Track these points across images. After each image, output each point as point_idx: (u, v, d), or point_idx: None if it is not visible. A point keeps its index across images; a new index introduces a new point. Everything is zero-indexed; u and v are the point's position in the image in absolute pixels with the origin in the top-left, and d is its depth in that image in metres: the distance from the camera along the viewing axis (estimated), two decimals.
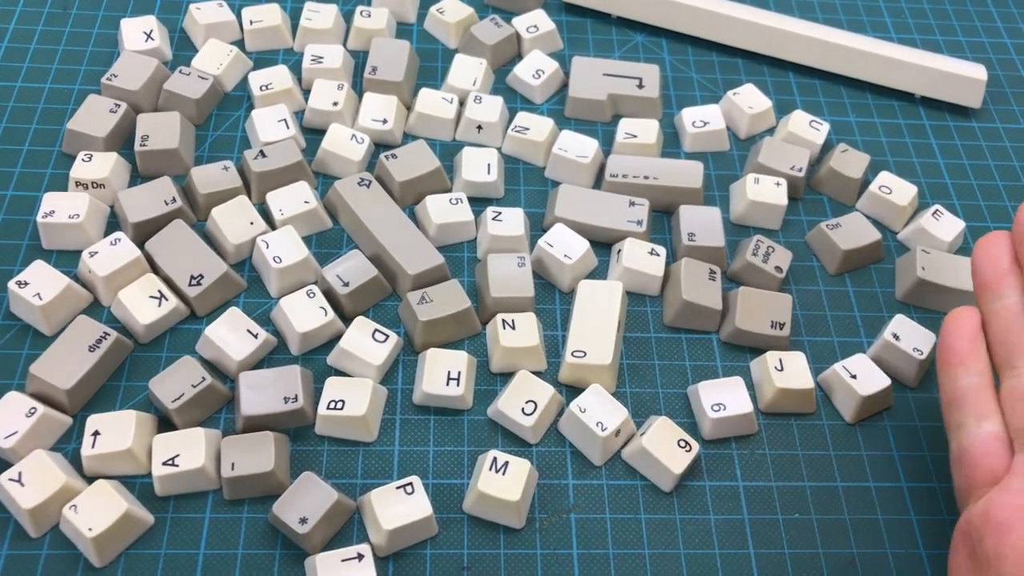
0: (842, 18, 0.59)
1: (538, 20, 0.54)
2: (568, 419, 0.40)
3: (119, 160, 0.46)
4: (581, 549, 0.37)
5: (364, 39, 0.53)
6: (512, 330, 0.41)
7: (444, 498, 0.38)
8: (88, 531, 0.35)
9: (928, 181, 0.51)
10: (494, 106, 0.49)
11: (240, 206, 0.44)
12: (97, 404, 0.40)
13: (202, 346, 0.41)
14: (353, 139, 0.47)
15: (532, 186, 0.48)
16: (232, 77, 0.51)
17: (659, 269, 0.44)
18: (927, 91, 0.54)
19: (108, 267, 0.41)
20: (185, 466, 0.37)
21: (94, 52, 0.52)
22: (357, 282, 0.42)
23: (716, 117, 0.51)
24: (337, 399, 0.39)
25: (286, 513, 0.35)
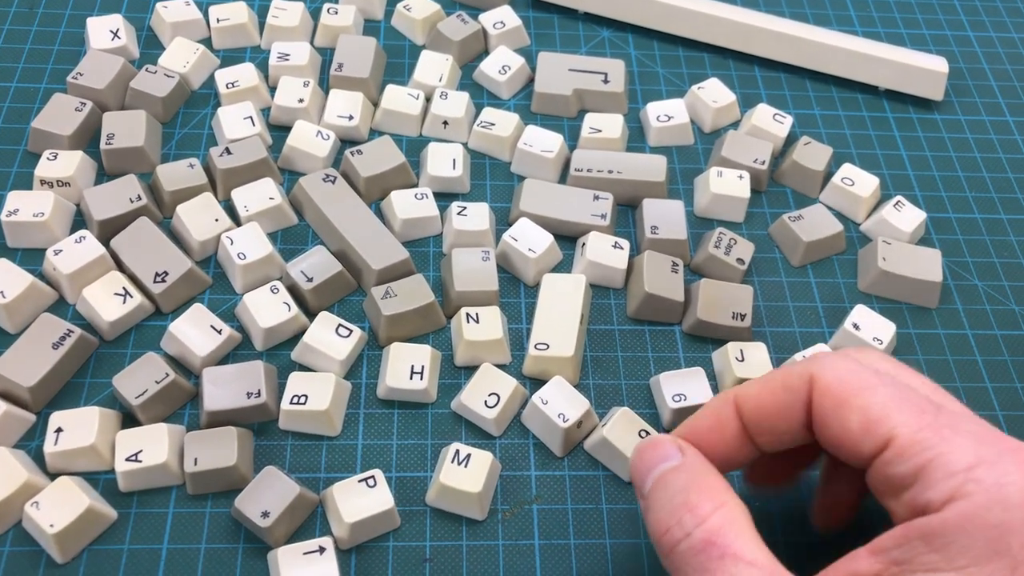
0: (807, 12, 0.59)
1: (504, 16, 0.55)
2: (530, 411, 0.40)
3: (84, 158, 0.46)
4: (543, 540, 0.38)
5: (331, 36, 0.53)
6: (476, 324, 0.42)
7: (407, 491, 0.38)
8: (50, 527, 0.35)
9: (891, 173, 0.51)
10: (460, 102, 0.50)
11: (205, 203, 0.44)
12: (61, 401, 0.40)
13: (166, 342, 0.41)
14: (319, 135, 0.48)
15: (498, 181, 0.49)
16: (199, 75, 0.51)
17: (622, 262, 0.45)
18: (891, 84, 0.54)
19: (73, 265, 0.42)
20: (148, 462, 0.37)
21: (60, 51, 0.52)
22: (321, 277, 0.42)
23: (680, 111, 0.51)
24: (300, 394, 0.39)
25: (248, 507, 0.36)
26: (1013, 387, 0.43)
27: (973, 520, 0.25)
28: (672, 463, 0.31)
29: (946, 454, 0.26)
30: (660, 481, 0.30)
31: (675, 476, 0.30)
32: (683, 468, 0.31)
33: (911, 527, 0.26)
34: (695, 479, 0.30)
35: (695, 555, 0.28)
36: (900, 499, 0.27)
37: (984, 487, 0.25)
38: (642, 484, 0.31)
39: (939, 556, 0.25)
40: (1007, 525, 0.25)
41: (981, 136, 0.53)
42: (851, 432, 0.28)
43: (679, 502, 0.29)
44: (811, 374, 0.30)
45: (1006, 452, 0.26)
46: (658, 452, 0.31)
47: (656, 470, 0.31)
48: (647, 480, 0.31)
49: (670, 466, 0.31)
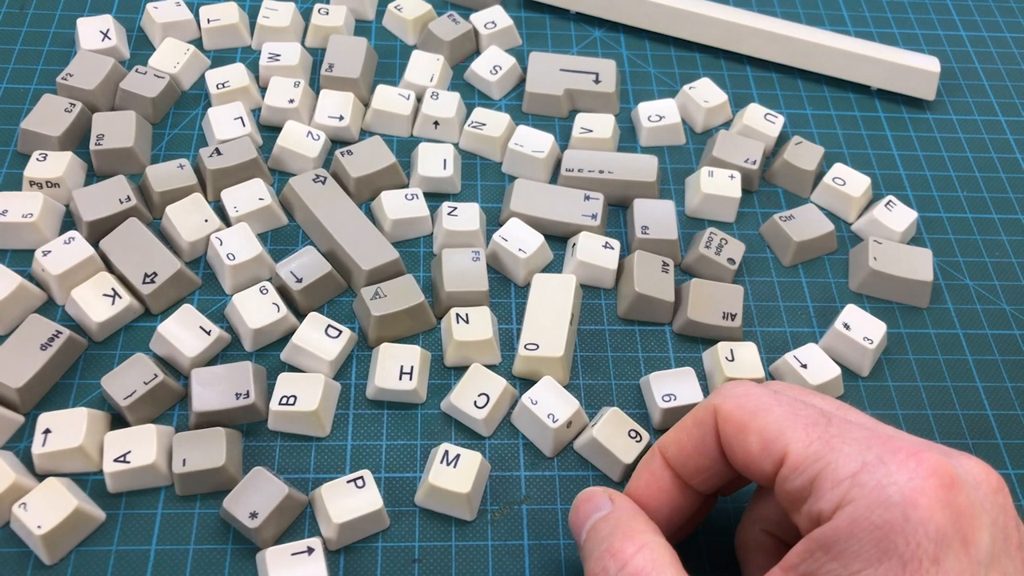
0: (800, 12, 0.59)
1: (496, 16, 0.55)
2: (520, 411, 0.40)
3: (74, 159, 0.46)
4: (532, 540, 0.37)
5: (322, 37, 0.53)
6: (466, 324, 0.42)
7: (397, 491, 0.38)
8: (37, 529, 0.35)
9: (883, 172, 0.51)
10: (451, 102, 0.50)
11: (195, 203, 0.44)
12: (50, 402, 0.40)
13: (155, 343, 0.41)
14: (309, 136, 0.48)
15: (489, 181, 0.49)
16: (189, 75, 0.51)
17: (613, 262, 0.44)
18: (883, 83, 0.54)
19: (62, 266, 0.42)
20: (136, 462, 0.37)
21: (50, 52, 0.52)
22: (311, 278, 0.42)
23: (672, 111, 0.51)
24: (289, 394, 0.39)
25: (237, 508, 0.36)
26: (1003, 387, 0.43)
27: (860, 523, 0.26)
28: (602, 512, 0.33)
29: (833, 463, 0.27)
30: (592, 531, 0.32)
31: (604, 524, 0.32)
32: (610, 516, 0.32)
33: (811, 539, 0.28)
34: (620, 524, 0.32)
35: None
36: (800, 512, 0.29)
37: (867, 491, 0.26)
38: (578, 537, 0.33)
39: (838, 563, 0.27)
40: (890, 525, 0.26)
41: (973, 136, 0.53)
42: (752, 454, 0.30)
43: (604, 548, 0.31)
44: (714, 406, 0.31)
45: (889, 453, 0.27)
46: (591, 503, 0.33)
47: (589, 521, 0.33)
48: (582, 532, 0.33)
49: (600, 516, 0.33)
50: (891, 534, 0.26)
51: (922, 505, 0.26)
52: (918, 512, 0.26)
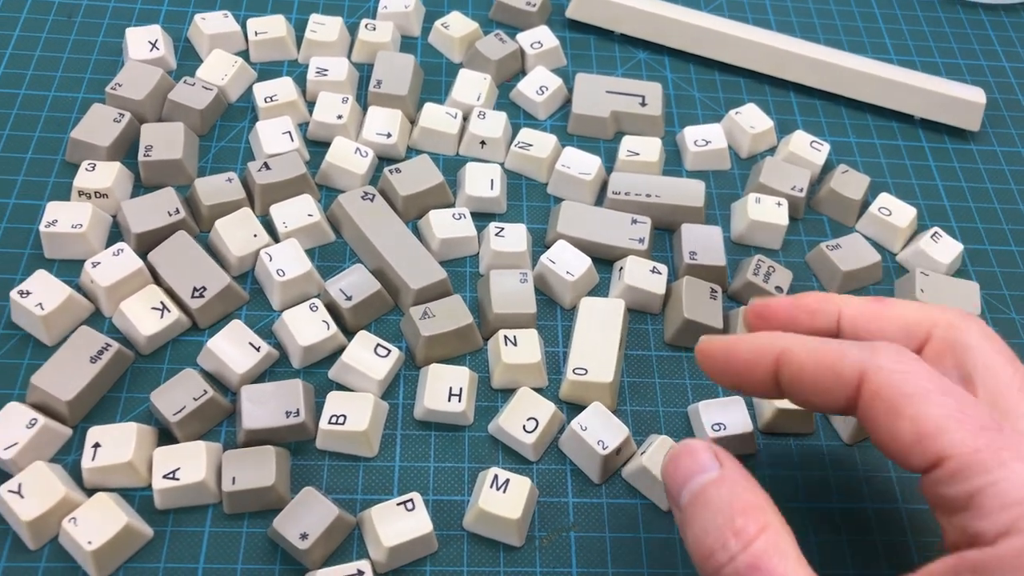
0: (843, 39, 0.59)
1: (542, 36, 0.55)
2: (569, 437, 0.40)
3: (122, 170, 0.46)
4: (581, 568, 0.37)
5: (369, 52, 0.53)
6: (514, 346, 0.42)
7: (444, 515, 0.38)
8: (88, 544, 0.34)
9: (927, 203, 0.51)
10: (498, 121, 0.50)
11: (243, 218, 0.44)
12: (98, 416, 0.39)
13: (204, 358, 0.41)
14: (357, 152, 0.48)
15: (534, 202, 0.49)
16: (236, 88, 0.51)
17: (660, 287, 0.44)
18: (926, 113, 0.54)
19: (110, 277, 0.41)
20: (186, 479, 0.37)
21: (98, 61, 0.52)
22: (360, 296, 0.42)
23: (718, 136, 0.51)
24: (339, 414, 0.39)
25: (287, 528, 0.35)
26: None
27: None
28: (711, 475, 0.30)
29: (1003, 481, 0.25)
30: (700, 496, 0.29)
31: (716, 491, 0.29)
32: (723, 482, 0.29)
33: (963, 560, 0.25)
34: (737, 496, 0.29)
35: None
36: (951, 520, 0.27)
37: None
38: (677, 495, 0.30)
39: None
40: None
41: (1018, 168, 0.53)
42: (902, 442, 0.27)
43: (722, 522, 0.28)
44: (863, 370, 0.28)
45: None
46: (695, 461, 0.30)
47: (693, 482, 0.30)
48: (683, 492, 0.30)
49: (709, 479, 0.30)
50: None
51: None
52: None
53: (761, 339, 0.31)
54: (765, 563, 0.27)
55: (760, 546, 0.27)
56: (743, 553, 0.27)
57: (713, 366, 0.33)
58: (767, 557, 0.27)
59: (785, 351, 0.31)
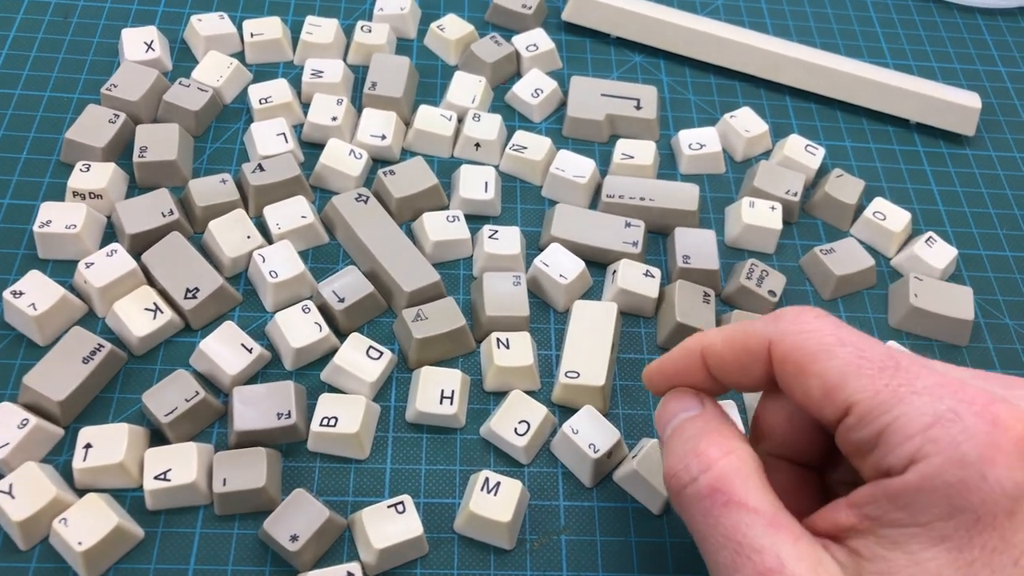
0: (839, 43, 0.59)
1: (538, 39, 0.55)
2: (560, 440, 0.40)
3: (117, 171, 0.46)
4: (571, 571, 0.37)
5: (364, 54, 0.53)
6: (506, 349, 0.42)
7: (435, 517, 0.38)
8: (78, 545, 0.34)
9: (922, 207, 0.51)
10: (492, 124, 0.50)
11: (237, 219, 0.44)
12: (90, 416, 0.39)
13: (196, 360, 0.41)
14: (351, 154, 0.48)
15: (529, 205, 0.49)
16: (232, 89, 0.51)
17: (653, 291, 0.44)
18: (922, 117, 0.54)
19: (104, 278, 0.41)
20: (177, 481, 0.37)
21: (94, 61, 0.52)
22: (353, 298, 0.42)
23: (712, 140, 0.51)
24: (330, 416, 0.39)
25: (277, 530, 0.35)
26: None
27: (932, 481, 0.25)
28: (691, 413, 0.32)
29: (903, 416, 0.26)
30: (677, 429, 0.31)
31: (691, 424, 0.31)
32: (700, 417, 0.31)
33: (878, 487, 0.27)
34: (708, 427, 0.31)
35: (700, 500, 0.29)
36: (866, 461, 0.28)
37: (940, 447, 0.25)
38: (662, 432, 0.33)
39: (905, 513, 0.26)
40: (964, 483, 0.25)
41: (1013, 173, 0.53)
42: (813, 399, 0.28)
43: (689, 448, 0.30)
44: (769, 340, 0.30)
45: (964, 405, 0.26)
46: (680, 402, 0.32)
47: (676, 419, 0.32)
48: (667, 428, 0.32)
49: (688, 416, 0.32)
50: (965, 491, 0.25)
51: (999, 463, 0.25)
52: (995, 470, 0.25)
53: (686, 345, 0.33)
54: (726, 485, 0.28)
55: (721, 469, 0.29)
56: (704, 475, 0.29)
57: (660, 387, 0.34)
58: (727, 480, 0.28)
59: (705, 348, 0.32)
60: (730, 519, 0.28)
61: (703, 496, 0.29)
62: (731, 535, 0.28)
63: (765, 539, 0.27)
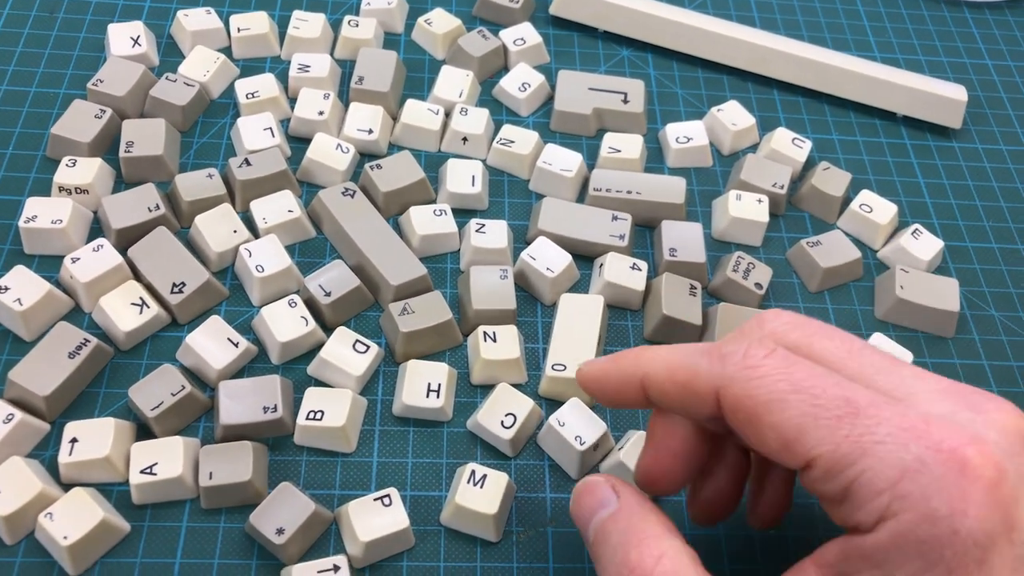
0: (827, 36, 0.59)
1: (525, 33, 0.55)
2: (547, 432, 0.40)
3: (103, 166, 0.46)
4: (557, 563, 0.37)
5: (351, 49, 0.53)
6: (493, 342, 0.42)
7: (422, 510, 0.38)
8: (63, 539, 0.34)
9: (908, 200, 0.51)
10: (480, 118, 0.50)
11: (224, 214, 0.44)
12: (76, 411, 0.39)
13: (182, 354, 0.41)
14: (338, 148, 0.48)
15: (516, 199, 0.49)
16: (219, 84, 0.51)
17: (640, 284, 0.44)
18: (909, 111, 0.54)
19: (90, 273, 0.41)
20: (163, 475, 0.37)
21: (80, 56, 0.52)
22: (339, 292, 0.42)
23: (700, 133, 0.51)
24: (316, 409, 0.39)
25: (263, 523, 0.35)
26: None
27: (905, 538, 0.25)
28: (609, 510, 0.31)
29: (868, 471, 0.26)
30: (600, 532, 0.30)
31: (613, 525, 0.30)
32: (620, 516, 0.30)
33: (849, 544, 0.27)
34: (632, 528, 0.30)
35: None
36: (836, 511, 0.27)
37: (910, 503, 0.25)
38: (584, 534, 0.32)
39: (879, 571, 0.26)
40: (937, 539, 0.25)
41: (999, 165, 0.53)
42: (771, 450, 0.28)
43: (619, 560, 0.29)
44: (716, 386, 0.29)
45: (929, 452, 0.25)
46: (595, 498, 0.31)
47: (595, 519, 0.31)
48: (588, 531, 0.31)
49: (607, 514, 0.31)
50: (938, 547, 0.25)
51: (971, 515, 0.25)
52: (967, 523, 0.25)
53: (626, 364, 0.32)
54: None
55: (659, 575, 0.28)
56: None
57: (593, 392, 0.33)
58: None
59: (646, 376, 0.31)
60: None
61: None
62: None
63: None
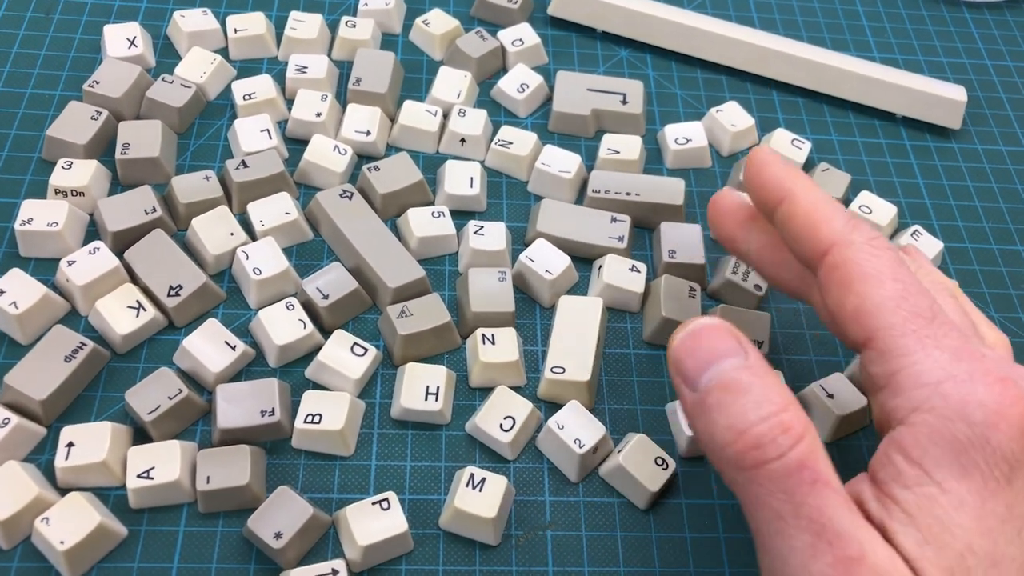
0: (826, 37, 0.59)
1: (523, 34, 0.55)
2: (546, 436, 0.40)
3: (99, 168, 0.46)
4: (557, 567, 0.37)
5: (349, 50, 0.53)
6: (492, 345, 0.41)
7: (420, 514, 0.38)
8: (60, 544, 0.34)
9: (908, 201, 0.51)
10: (478, 119, 0.49)
11: (221, 216, 0.44)
12: (72, 415, 0.39)
13: (179, 357, 0.41)
14: (336, 150, 0.47)
15: (515, 200, 0.48)
16: (215, 86, 0.51)
17: (639, 285, 0.44)
18: (908, 111, 0.54)
19: (86, 276, 0.41)
20: (160, 479, 0.36)
21: (76, 58, 0.52)
22: (337, 295, 0.42)
23: (699, 134, 0.51)
24: (314, 413, 0.39)
25: (261, 528, 0.35)
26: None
27: (941, 433, 0.26)
28: (738, 361, 0.28)
29: (919, 363, 0.27)
30: (734, 382, 0.28)
31: (751, 379, 0.27)
32: (750, 370, 0.28)
33: (889, 442, 0.27)
34: (776, 390, 0.27)
35: (786, 477, 0.26)
36: (876, 398, 0.28)
37: (949, 402, 0.26)
38: (696, 376, 0.28)
39: (920, 471, 0.26)
40: (971, 441, 0.26)
41: (998, 166, 0.53)
42: (845, 313, 0.29)
43: (768, 414, 0.27)
44: (836, 241, 0.30)
45: (979, 373, 0.26)
46: (720, 343, 0.28)
47: (721, 364, 0.28)
48: (705, 374, 0.28)
49: (734, 364, 0.28)
50: (971, 450, 0.26)
51: (1002, 429, 0.26)
52: (999, 436, 0.26)
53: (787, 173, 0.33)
54: (812, 463, 0.26)
55: (808, 445, 0.27)
56: (793, 450, 0.26)
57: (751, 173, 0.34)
58: (814, 457, 0.27)
59: (790, 195, 0.32)
60: (816, 500, 0.26)
61: (791, 473, 0.26)
62: (815, 517, 0.26)
63: (847, 523, 0.26)
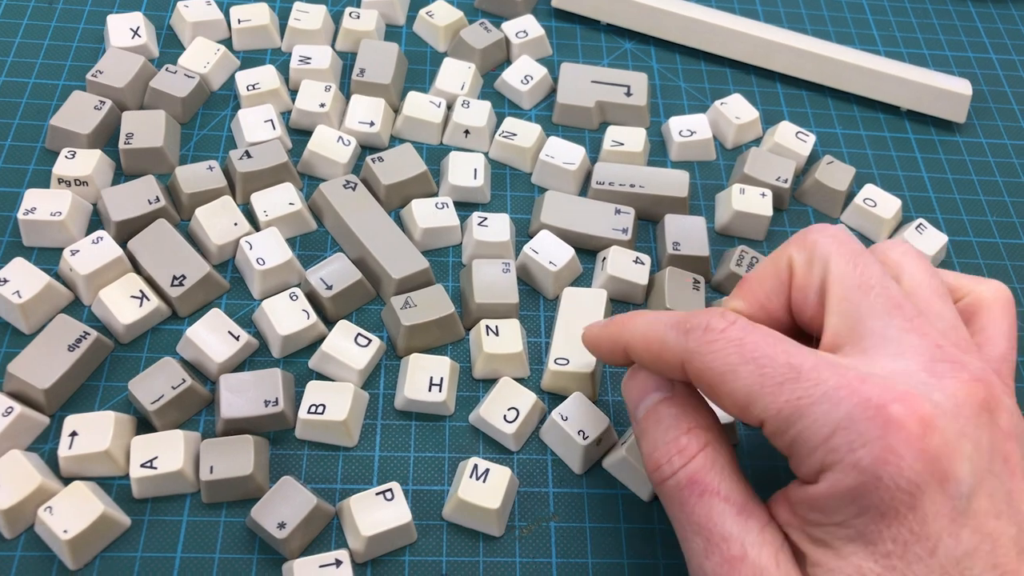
0: (830, 30, 0.59)
1: (527, 25, 0.54)
2: (550, 427, 0.40)
3: (103, 158, 0.46)
4: (560, 558, 0.37)
5: (353, 40, 0.53)
6: (496, 336, 0.41)
7: (424, 504, 0.38)
8: (63, 533, 0.34)
9: (912, 194, 0.51)
10: (482, 111, 0.49)
11: (224, 206, 0.44)
12: (75, 404, 0.39)
13: (183, 347, 0.41)
14: (339, 141, 0.47)
15: (518, 192, 0.48)
16: (219, 76, 0.51)
17: (643, 278, 0.44)
18: (913, 104, 0.54)
19: (90, 266, 0.41)
20: (163, 468, 0.36)
21: (80, 48, 0.51)
22: (341, 285, 0.42)
23: (703, 126, 0.51)
24: (318, 403, 0.39)
25: (264, 518, 0.35)
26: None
27: (838, 487, 0.28)
28: (662, 394, 0.33)
29: (804, 430, 0.28)
30: (651, 413, 0.33)
31: (665, 409, 0.33)
32: (672, 401, 0.33)
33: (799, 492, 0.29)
34: (684, 414, 0.32)
35: (679, 491, 0.31)
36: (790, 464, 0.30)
37: (840, 456, 0.27)
38: (633, 409, 0.34)
39: (822, 515, 0.29)
40: (864, 486, 0.27)
41: (1003, 160, 0.53)
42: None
43: (670, 439, 0.32)
44: (680, 358, 0.31)
45: (857, 410, 0.27)
46: (651, 380, 0.34)
47: (647, 399, 0.33)
48: (639, 407, 0.34)
49: (660, 397, 0.33)
50: (866, 494, 0.27)
51: (891, 462, 0.27)
52: (889, 470, 0.27)
53: (614, 330, 0.35)
54: (702, 477, 0.31)
55: (699, 462, 0.31)
56: (684, 468, 0.31)
57: (592, 353, 0.37)
58: (704, 472, 0.31)
59: (627, 345, 0.34)
60: (703, 508, 0.30)
61: (682, 487, 0.31)
62: (703, 523, 0.30)
63: (734, 528, 0.30)
